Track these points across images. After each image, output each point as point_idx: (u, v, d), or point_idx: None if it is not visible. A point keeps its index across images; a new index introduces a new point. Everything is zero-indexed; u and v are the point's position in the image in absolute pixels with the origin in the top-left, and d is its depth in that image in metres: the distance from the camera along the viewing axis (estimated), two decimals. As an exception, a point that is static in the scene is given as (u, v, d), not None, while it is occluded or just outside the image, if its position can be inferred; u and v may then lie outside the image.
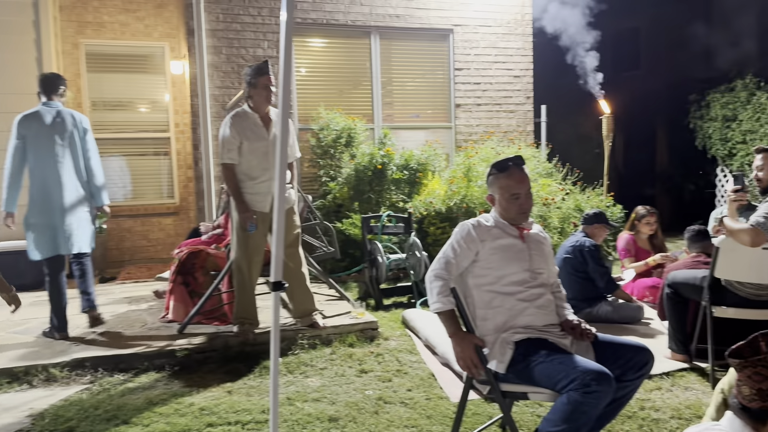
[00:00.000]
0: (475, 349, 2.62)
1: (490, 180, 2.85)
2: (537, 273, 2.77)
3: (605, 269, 5.12)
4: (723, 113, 10.47)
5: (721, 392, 2.55)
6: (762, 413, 1.55)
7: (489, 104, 8.41)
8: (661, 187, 12.09)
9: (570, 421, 2.38)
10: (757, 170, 3.81)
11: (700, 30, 11.35)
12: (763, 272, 3.65)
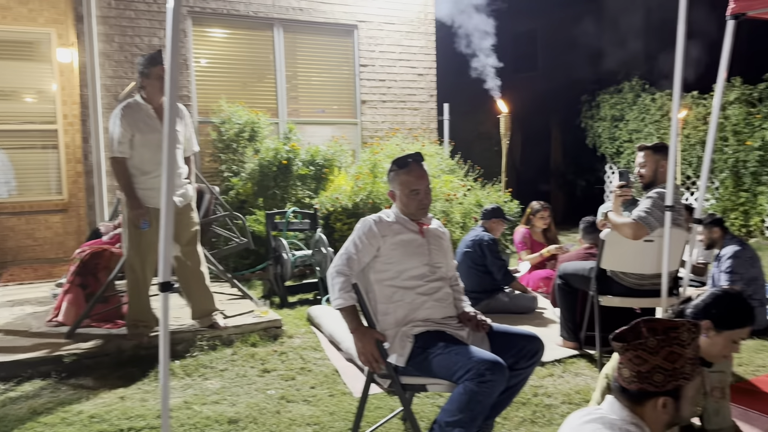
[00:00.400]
0: (376, 344, 2.64)
1: (390, 176, 2.88)
2: (436, 267, 2.83)
3: (502, 262, 5.33)
4: (611, 113, 11.18)
5: (605, 377, 2.70)
6: (640, 395, 1.65)
7: (394, 101, 8.50)
8: (555, 183, 12.74)
9: (466, 410, 2.45)
10: (640, 167, 4.06)
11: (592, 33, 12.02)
12: (644, 263, 3.91)
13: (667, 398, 1.62)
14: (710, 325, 2.26)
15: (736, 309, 2.26)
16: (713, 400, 2.51)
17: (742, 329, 2.26)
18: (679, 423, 1.70)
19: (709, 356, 2.34)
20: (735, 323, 2.24)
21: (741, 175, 9.13)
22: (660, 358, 1.62)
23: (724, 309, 2.25)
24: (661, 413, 1.63)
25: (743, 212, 9.14)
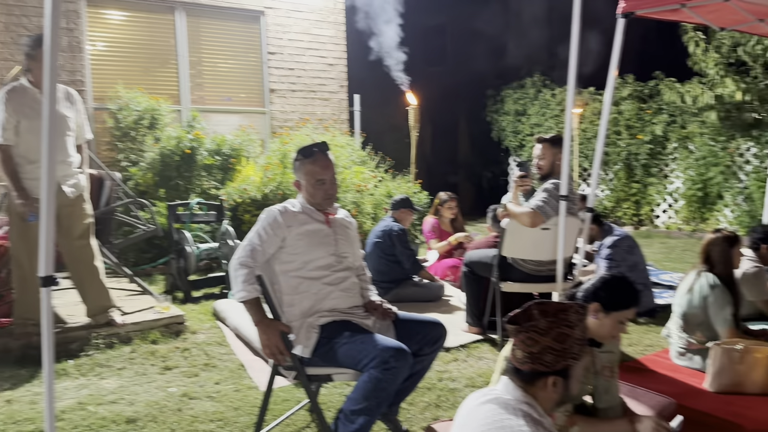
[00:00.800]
0: (280, 336, 2.60)
1: (296, 166, 2.85)
2: (342, 257, 2.82)
3: (411, 252, 5.41)
4: (515, 108, 11.60)
5: (504, 359, 2.80)
6: (532, 375, 1.72)
7: (304, 91, 8.40)
8: (463, 174, 13.08)
9: (370, 398, 2.47)
10: (538, 159, 4.24)
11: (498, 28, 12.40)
12: (541, 250, 4.09)
13: (557, 377, 1.70)
14: (599, 308, 2.40)
15: (622, 292, 2.40)
16: (603, 379, 2.66)
17: (628, 310, 2.41)
18: (568, 401, 1.78)
19: (599, 337, 2.47)
20: (621, 305, 2.38)
21: (633, 167, 9.75)
22: (550, 339, 1.70)
23: (610, 292, 2.39)
24: (551, 392, 1.71)
25: (635, 202, 9.78)
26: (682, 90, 8.44)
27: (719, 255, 3.74)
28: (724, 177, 8.42)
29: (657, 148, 9.44)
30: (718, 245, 3.76)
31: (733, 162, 8.43)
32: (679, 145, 9.12)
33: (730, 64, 8.04)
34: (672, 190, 9.31)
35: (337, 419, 2.62)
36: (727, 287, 3.70)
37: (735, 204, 8.33)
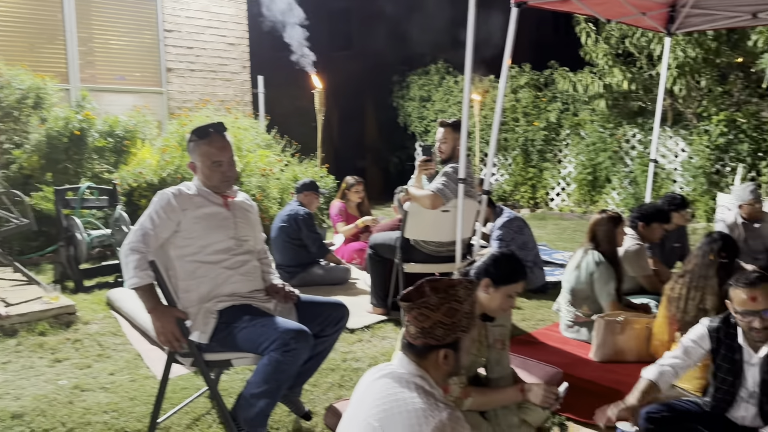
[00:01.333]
0: (176, 322, 2.53)
1: (190, 147, 2.74)
2: (242, 240, 2.77)
3: (317, 235, 5.40)
4: (420, 94, 11.80)
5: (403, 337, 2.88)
6: (424, 349, 1.78)
7: (204, 71, 8.12)
8: (370, 159, 13.17)
9: (271, 380, 2.46)
10: (440, 143, 4.34)
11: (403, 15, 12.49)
12: (442, 231, 4.22)
13: (448, 350, 1.77)
14: (489, 283, 2.51)
15: (509, 267, 2.53)
16: (495, 351, 2.79)
17: (516, 284, 2.53)
18: (458, 373, 1.86)
19: (491, 311, 2.59)
20: (509, 279, 2.51)
21: (530, 152, 10.21)
22: (441, 314, 1.76)
23: (498, 268, 2.51)
24: (443, 364, 1.78)
25: (531, 186, 10.25)
26: (575, 79, 8.91)
27: (604, 234, 4.01)
28: (612, 162, 9.01)
29: (551, 134, 9.93)
30: (602, 225, 4.03)
31: (620, 148, 9.02)
32: (571, 131, 9.64)
33: (618, 54, 8.57)
34: (565, 174, 9.85)
35: (237, 404, 2.60)
36: (611, 264, 3.98)
37: (622, 187, 8.93)
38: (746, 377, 2.52)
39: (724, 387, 2.59)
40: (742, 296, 2.38)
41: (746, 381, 2.52)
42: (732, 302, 2.44)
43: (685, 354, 2.67)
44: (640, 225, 4.52)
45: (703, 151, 7.94)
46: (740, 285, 2.39)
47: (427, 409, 1.64)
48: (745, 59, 7.68)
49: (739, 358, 2.53)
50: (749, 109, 7.67)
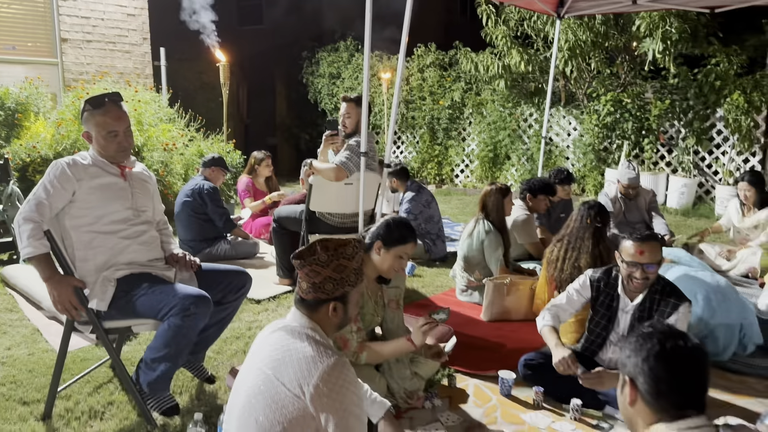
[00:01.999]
0: (74, 291, 2.55)
1: (85, 117, 2.72)
2: (141, 211, 2.80)
3: (224, 210, 5.40)
4: (330, 71, 11.83)
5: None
6: (315, 303, 1.93)
7: (102, 42, 7.79)
8: (281, 136, 13.09)
9: (171, 345, 2.54)
10: (344, 117, 4.47)
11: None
12: (345, 203, 4.38)
13: (337, 303, 1.93)
14: (380, 245, 2.72)
15: (398, 230, 2.74)
16: (390, 311, 3.01)
17: (404, 245, 2.75)
18: (346, 324, 2.03)
19: (384, 272, 2.79)
20: (397, 241, 2.73)
21: (435, 130, 10.54)
22: (330, 270, 1.91)
23: (388, 231, 2.73)
24: (332, 316, 1.94)
25: (437, 163, 10.60)
26: (476, 59, 9.26)
27: (493, 204, 4.33)
28: (511, 140, 9.48)
29: (456, 113, 10.29)
30: (492, 196, 4.34)
31: (518, 126, 9.50)
32: (474, 110, 10.03)
33: (517, 36, 8.99)
34: (468, 152, 10.26)
35: (138, 369, 2.67)
36: (499, 232, 4.30)
37: (520, 164, 9.44)
38: (618, 323, 2.87)
39: (597, 330, 2.94)
40: (632, 249, 2.71)
41: (618, 326, 2.88)
42: (621, 253, 2.77)
43: (567, 302, 3.00)
44: (528, 197, 4.89)
45: (592, 130, 8.54)
46: (633, 239, 2.73)
47: (316, 356, 1.79)
48: (630, 43, 8.29)
49: (615, 306, 2.88)
50: (634, 90, 8.31)
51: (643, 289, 2.78)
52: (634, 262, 2.71)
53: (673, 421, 1.43)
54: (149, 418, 2.61)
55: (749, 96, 7.34)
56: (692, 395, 1.46)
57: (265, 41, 12.88)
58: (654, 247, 2.71)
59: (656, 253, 2.71)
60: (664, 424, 1.44)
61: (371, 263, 2.78)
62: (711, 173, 8.17)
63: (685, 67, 7.78)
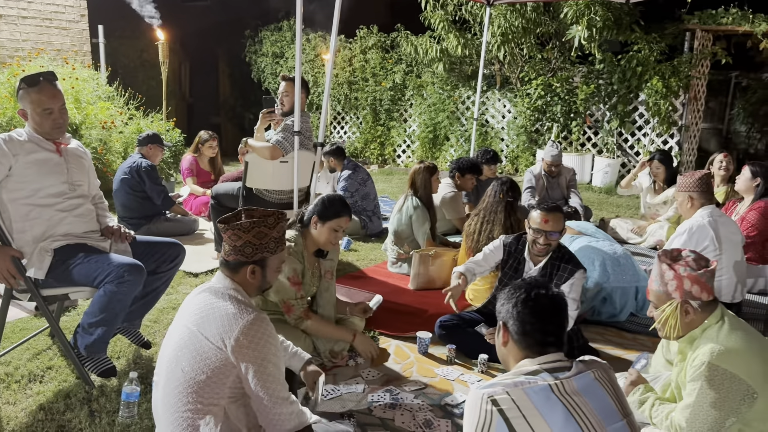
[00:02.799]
0: (11, 260, 2.68)
1: (20, 95, 2.83)
2: (76, 185, 2.94)
3: (162, 187, 5.50)
4: (273, 50, 11.86)
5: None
6: (236, 264, 2.13)
7: (37, 18, 7.65)
8: (225, 115, 13.06)
9: (106, 310, 2.73)
10: (282, 96, 4.65)
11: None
12: (281, 181, 4.57)
13: (256, 266, 2.14)
14: (317, 219, 2.98)
15: (332, 205, 3.02)
16: (325, 281, 3.26)
17: (339, 219, 3.02)
18: (267, 288, 2.24)
19: (321, 244, 3.06)
20: (331, 215, 2.99)
21: (378, 111, 10.77)
22: (250, 235, 2.13)
23: (324, 206, 3.01)
24: (251, 279, 2.15)
25: (380, 143, 10.85)
26: (416, 42, 9.51)
27: (421, 181, 4.62)
28: (450, 121, 9.81)
29: (398, 94, 10.54)
30: (420, 174, 4.63)
31: (456, 109, 9.83)
32: (415, 92, 10.30)
33: (455, 21, 9.27)
34: (410, 132, 10.55)
35: (76, 333, 2.84)
36: (426, 208, 4.60)
37: (458, 145, 9.78)
38: (523, 284, 3.24)
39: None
40: (539, 218, 3.06)
41: (522, 288, 3.24)
42: (529, 221, 3.12)
43: (483, 259, 3.34)
44: (457, 175, 5.20)
45: (524, 112, 8.94)
46: (540, 209, 3.08)
47: (237, 313, 2.02)
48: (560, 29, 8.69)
49: (521, 269, 3.22)
50: (563, 75, 8.74)
51: (546, 254, 3.12)
52: (539, 229, 3.06)
53: (536, 357, 1.73)
54: (87, 380, 2.79)
55: (667, 81, 7.85)
56: (552, 335, 1.76)
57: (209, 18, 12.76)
58: (557, 217, 3.05)
59: (559, 222, 3.06)
60: (529, 360, 1.74)
61: (310, 237, 3.04)
62: (633, 154, 8.71)
63: (610, 54, 8.24)
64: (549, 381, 1.64)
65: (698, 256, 2.23)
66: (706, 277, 2.16)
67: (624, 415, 1.67)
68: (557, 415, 1.58)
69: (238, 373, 1.98)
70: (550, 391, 1.62)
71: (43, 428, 2.47)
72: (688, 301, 2.15)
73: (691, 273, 2.15)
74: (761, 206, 4.40)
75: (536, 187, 5.81)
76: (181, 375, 1.99)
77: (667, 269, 2.18)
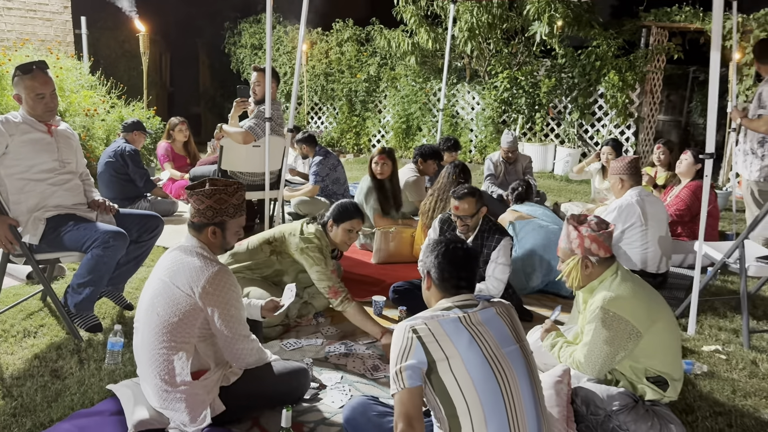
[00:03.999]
0: (9, 228, 3.04)
1: (15, 81, 3.19)
2: (65, 162, 3.30)
3: (144, 171, 5.85)
4: (251, 42, 12.16)
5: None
6: (200, 225, 2.50)
7: (22, 9, 7.91)
8: (205, 105, 13.35)
9: (93, 272, 3.10)
10: (254, 85, 5.02)
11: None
12: (254, 163, 4.96)
13: (216, 228, 2.52)
14: (332, 223, 3.36)
15: (344, 208, 3.38)
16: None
17: (351, 221, 3.38)
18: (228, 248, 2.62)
19: (338, 244, 3.42)
20: (344, 218, 3.35)
21: (354, 102, 11.15)
22: (212, 201, 2.50)
23: (336, 210, 3.38)
24: (212, 238, 2.52)
25: (356, 133, 11.24)
26: (389, 36, 9.89)
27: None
28: (422, 112, 10.22)
29: (372, 86, 10.93)
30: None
31: (428, 100, 10.25)
32: (389, 84, 10.70)
33: (426, 16, 9.67)
34: (384, 123, 10.94)
35: (66, 293, 3.21)
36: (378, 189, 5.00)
37: (430, 135, 10.20)
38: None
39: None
40: (452, 205, 3.49)
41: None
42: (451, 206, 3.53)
43: (428, 239, 3.75)
44: (419, 161, 5.62)
45: (492, 104, 9.38)
46: (454, 196, 3.48)
47: (202, 266, 2.41)
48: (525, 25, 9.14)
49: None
50: (527, 68, 9.18)
51: (467, 232, 3.55)
52: (455, 215, 3.49)
53: (451, 297, 2.14)
54: (76, 334, 3.16)
55: (624, 75, 8.33)
56: (464, 279, 2.16)
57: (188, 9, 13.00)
58: (468, 202, 3.48)
59: (469, 207, 3.49)
60: (445, 299, 2.15)
61: (329, 239, 3.39)
62: (593, 144, 9.20)
63: (571, 48, 8.70)
64: (459, 314, 2.04)
65: (600, 221, 2.64)
66: (603, 237, 2.58)
67: (518, 341, 2.07)
68: (463, 339, 1.99)
69: (206, 315, 2.38)
70: (459, 322, 2.02)
71: (38, 373, 2.85)
72: (587, 256, 2.57)
73: (591, 233, 2.56)
74: (694, 185, 4.86)
75: (495, 173, 6.24)
76: (156, 318, 2.38)
77: (573, 230, 2.59)
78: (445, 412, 1.91)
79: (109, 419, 2.49)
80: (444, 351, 1.95)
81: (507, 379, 1.94)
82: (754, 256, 3.70)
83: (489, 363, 1.93)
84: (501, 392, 1.92)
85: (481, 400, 1.90)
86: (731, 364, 3.24)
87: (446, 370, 1.92)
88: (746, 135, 5.00)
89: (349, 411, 2.29)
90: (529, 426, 1.92)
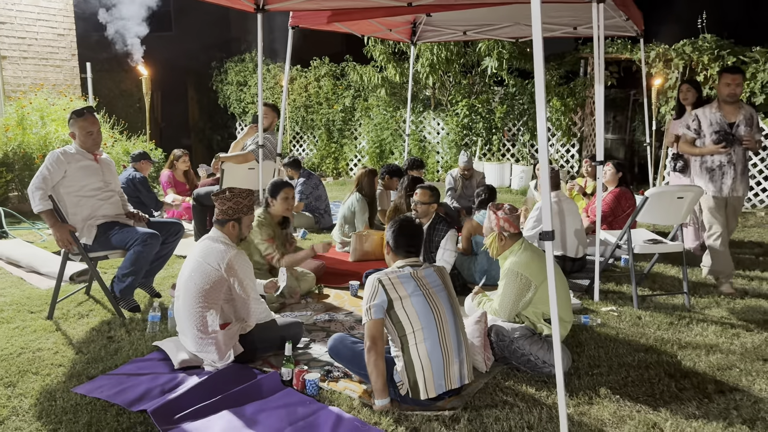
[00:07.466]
0: (69, 233, 4.03)
1: (71, 122, 4.21)
2: (108, 183, 4.31)
3: (153, 195, 6.86)
4: (237, 79, 13.26)
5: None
6: (223, 221, 3.51)
7: (36, 58, 8.93)
8: (195, 137, 14.36)
9: (135, 264, 4.10)
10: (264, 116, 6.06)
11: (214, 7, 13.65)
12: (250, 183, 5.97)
13: (234, 222, 3.55)
14: (270, 198, 4.43)
15: (274, 185, 4.47)
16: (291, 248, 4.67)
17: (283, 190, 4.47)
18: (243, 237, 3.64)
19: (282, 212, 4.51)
20: (277, 190, 4.45)
21: (332, 131, 12.26)
22: (231, 203, 3.53)
23: (271, 188, 4.48)
24: (232, 230, 3.55)
25: (334, 158, 12.32)
26: (361, 71, 11.07)
27: (366, 182, 6.11)
28: (393, 138, 11.36)
29: (348, 116, 12.06)
30: (365, 176, 6.13)
31: (398, 127, 11.39)
32: (363, 114, 11.83)
33: (393, 53, 10.85)
34: (360, 148, 12.06)
35: (113, 282, 4.20)
36: (368, 202, 6.07)
37: (402, 158, 11.31)
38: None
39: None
40: (416, 191, 4.64)
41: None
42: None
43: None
44: (386, 177, 6.70)
45: (454, 129, 10.54)
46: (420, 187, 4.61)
47: (225, 249, 3.43)
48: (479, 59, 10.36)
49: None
50: (483, 97, 10.38)
51: (419, 217, 4.63)
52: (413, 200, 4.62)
53: (404, 259, 3.17)
54: (120, 314, 4.14)
55: (565, 101, 9.55)
56: (413, 246, 3.19)
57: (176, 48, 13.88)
58: (424, 193, 4.63)
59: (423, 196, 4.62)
60: (401, 260, 3.17)
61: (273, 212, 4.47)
62: (545, 161, 10.35)
63: (520, 79, 9.92)
64: (410, 271, 3.07)
65: (512, 207, 3.68)
66: (513, 218, 3.62)
67: (446, 289, 3.10)
68: (411, 285, 3.01)
69: (228, 284, 3.39)
70: (410, 275, 3.05)
71: (98, 338, 3.82)
72: (502, 232, 3.62)
73: (504, 216, 3.61)
74: (617, 191, 5.94)
75: (454, 186, 7.34)
76: (193, 286, 3.39)
77: (492, 213, 3.65)
78: (398, 334, 2.94)
79: (159, 363, 3.48)
80: (398, 293, 2.96)
81: (439, 312, 2.97)
82: (642, 239, 4.80)
83: (427, 301, 2.97)
84: (434, 320, 2.95)
85: (422, 324, 2.93)
86: (621, 318, 4.30)
87: (399, 307, 2.94)
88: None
89: (332, 341, 3.30)
90: (452, 342, 2.95)
